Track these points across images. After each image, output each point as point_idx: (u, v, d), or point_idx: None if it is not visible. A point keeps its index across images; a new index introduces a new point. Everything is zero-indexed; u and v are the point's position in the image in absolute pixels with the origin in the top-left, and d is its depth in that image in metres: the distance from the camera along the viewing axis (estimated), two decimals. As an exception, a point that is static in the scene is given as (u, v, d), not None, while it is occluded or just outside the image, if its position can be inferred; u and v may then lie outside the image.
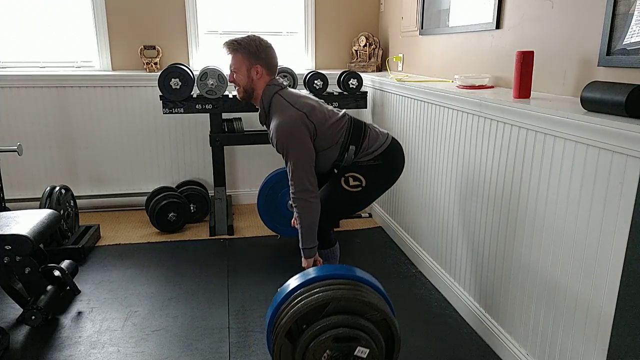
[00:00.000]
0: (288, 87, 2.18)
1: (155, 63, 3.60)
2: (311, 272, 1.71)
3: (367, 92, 3.46)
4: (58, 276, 2.36)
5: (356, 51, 3.85)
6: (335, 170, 2.17)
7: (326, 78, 3.33)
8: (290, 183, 2.05)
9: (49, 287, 2.27)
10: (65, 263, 2.47)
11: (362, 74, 3.52)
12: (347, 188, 2.10)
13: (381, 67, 3.83)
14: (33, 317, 2.14)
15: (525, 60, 1.85)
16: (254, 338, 2.13)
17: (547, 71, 1.93)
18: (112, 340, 2.11)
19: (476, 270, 2.17)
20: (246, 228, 3.40)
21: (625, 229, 1.32)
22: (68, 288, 2.41)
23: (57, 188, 2.91)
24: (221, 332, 2.17)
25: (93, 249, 3.05)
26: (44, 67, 3.58)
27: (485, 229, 2.07)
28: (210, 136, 3.20)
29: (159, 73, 3.04)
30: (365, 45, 3.78)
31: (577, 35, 1.76)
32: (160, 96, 3.06)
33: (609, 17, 1.58)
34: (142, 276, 2.69)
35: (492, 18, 2.27)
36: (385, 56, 3.84)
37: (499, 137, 1.92)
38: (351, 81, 3.37)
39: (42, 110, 3.51)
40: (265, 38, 2.17)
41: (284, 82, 2.21)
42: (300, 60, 3.93)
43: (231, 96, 3.17)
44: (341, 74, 3.40)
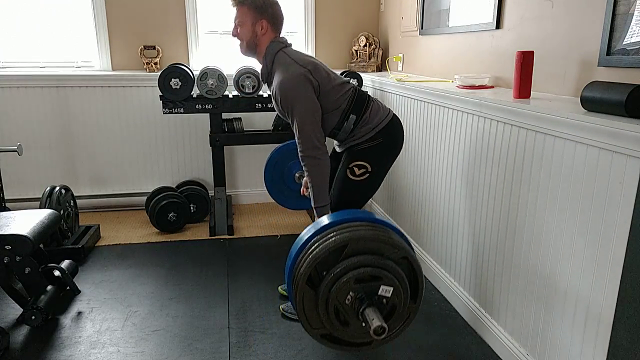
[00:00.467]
0: (292, 46, 2.14)
1: (155, 63, 3.60)
2: (324, 220, 1.64)
3: (367, 92, 3.45)
4: (58, 276, 2.36)
5: (356, 51, 3.85)
6: (334, 140, 2.14)
7: (326, 78, 3.32)
8: (297, 142, 1.99)
9: (49, 287, 2.27)
10: (65, 263, 2.47)
11: (362, 74, 3.52)
12: (355, 178, 2.06)
13: (381, 67, 3.83)
14: (33, 317, 2.14)
15: (525, 60, 1.85)
16: (254, 338, 2.13)
17: (547, 71, 1.93)
18: (112, 340, 2.11)
19: (476, 269, 2.17)
20: (246, 228, 3.40)
21: (625, 229, 1.32)
22: (68, 288, 2.41)
23: (57, 188, 2.91)
24: (221, 332, 2.17)
25: (93, 249, 3.05)
26: (44, 67, 3.58)
27: (485, 229, 2.07)
28: (210, 136, 3.20)
29: (159, 73, 3.04)
30: (365, 45, 3.78)
31: (577, 35, 1.76)
32: (160, 96, 3.06)
33: (609, 17, 1.58)
34: (142, 276, 2.69)
35: (492, 18, 2.27)
36: (385, 56, 3.84)
37: (499, 137, 1.92)
38: (351, 81, 3.35)
39: (42, 110, 3.51)
40: None
41: (289, 41, 2.15)
42: (300, 60, 3.92)
43: (231, 96, 3.17)
44: (341, 74, 3.39)
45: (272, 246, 3.12)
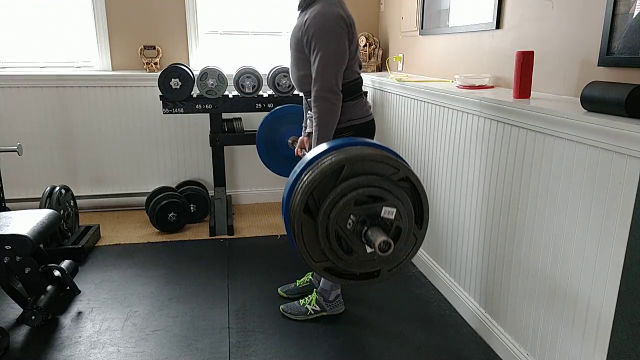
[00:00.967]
0: None
1: (155, 63, 3.60)
2: (316, 149, 1.55)
3: (367, 92, 3.46)
4: (58, 276, 2.36)
5: (356, 51, 3.85)
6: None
7: (326, 78, 3.32)
8: (314, 82, 1.92)
9: (49, 287, 2.27)
10: (65, 263, 2.47)
11: (362, 74, 3.51)
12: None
13: (381, 67, 3.83)
14: (33, 317, 2.14)
15: (525, 60, 1.85)
16: (254, 338, 2.13)
17: (547, 71, 1.93)
18: (112, 340, 2.11)
19: (476, 270, 2.17)
20: (246, 228, 3.40)
21: (625, 229, 1.32)
22: (68, 288, 2.42)
23: (57, 188, 2.91)
24: (221, 332, 2.17)
25: (93, 249, 3.05)
26: (44, 67, 3.58)
27: (485, 229, 2.07)
28: (210, 136, 3.20)
29: (159, 73, 3.04)
30: (365, 45, 3.78)
31: (577, 35, 1.76)
32: (160, 96, 3.06)
33: (609, 17, 1.58)
34: (142, 276, 2.69)
35: (492, 18, 2.27)
36: (385, 56, 3.84)
37: (499, 137, 1.92)
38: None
39: (42, 110, 3.51)
40: None
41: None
42: (300, 60, 3.92)
43: (231, 96, 3.17)
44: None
45: (272, 246, 3.12)
